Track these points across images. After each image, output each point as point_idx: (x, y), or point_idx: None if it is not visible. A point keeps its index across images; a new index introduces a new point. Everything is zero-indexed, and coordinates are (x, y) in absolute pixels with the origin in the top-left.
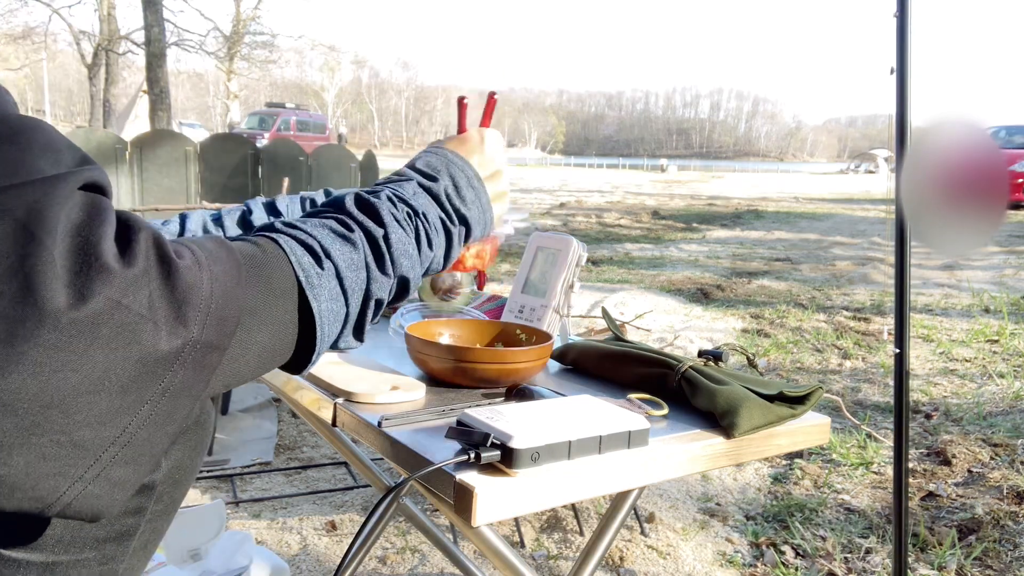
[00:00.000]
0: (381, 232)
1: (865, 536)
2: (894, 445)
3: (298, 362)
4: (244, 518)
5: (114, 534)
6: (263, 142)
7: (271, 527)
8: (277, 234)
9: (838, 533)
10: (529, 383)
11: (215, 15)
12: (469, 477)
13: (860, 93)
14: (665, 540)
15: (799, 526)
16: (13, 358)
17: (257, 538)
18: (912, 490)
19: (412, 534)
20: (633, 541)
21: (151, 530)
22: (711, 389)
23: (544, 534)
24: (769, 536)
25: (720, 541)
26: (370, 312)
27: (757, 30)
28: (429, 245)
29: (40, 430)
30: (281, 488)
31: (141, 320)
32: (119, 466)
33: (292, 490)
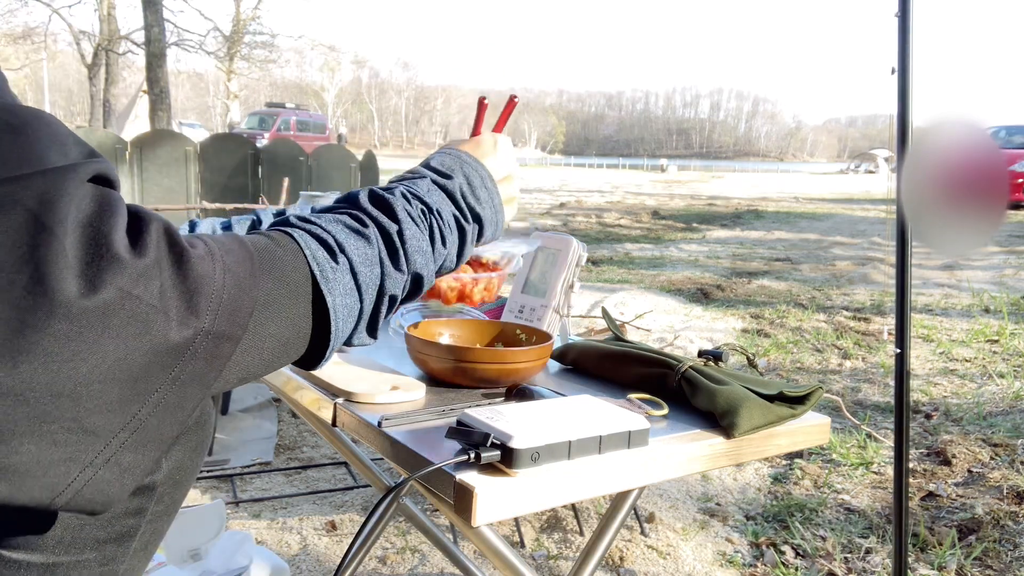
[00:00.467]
0: (395, 228)
1: (865, 536)
2: (894, 445)
3: (312, 357)
4: (244, 518)
5: (115, 535)
6: (263, 142)
7: (271, 527)
8: (291, 228)
9: (838, 533)
10: (529, 383)
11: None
12: (469, 477)
13: (860, 93)
14: (665, 540)
15: (799, 526)
16: (24, 348)
17: (257, 538)
18: (912, 490)
19: (412, 534)
20: (633, 541)
21: (151, 531)
22: (711, 389)
23: (544, 534)
24: (769, 536)
25: (720, 541)
26: (384, 308)
27: (757, 30)
28: (443, 242)
29: (51, 418)
30: (281, 488)
31: (152, 310)
32: (129, 452)
33: (292, 490)
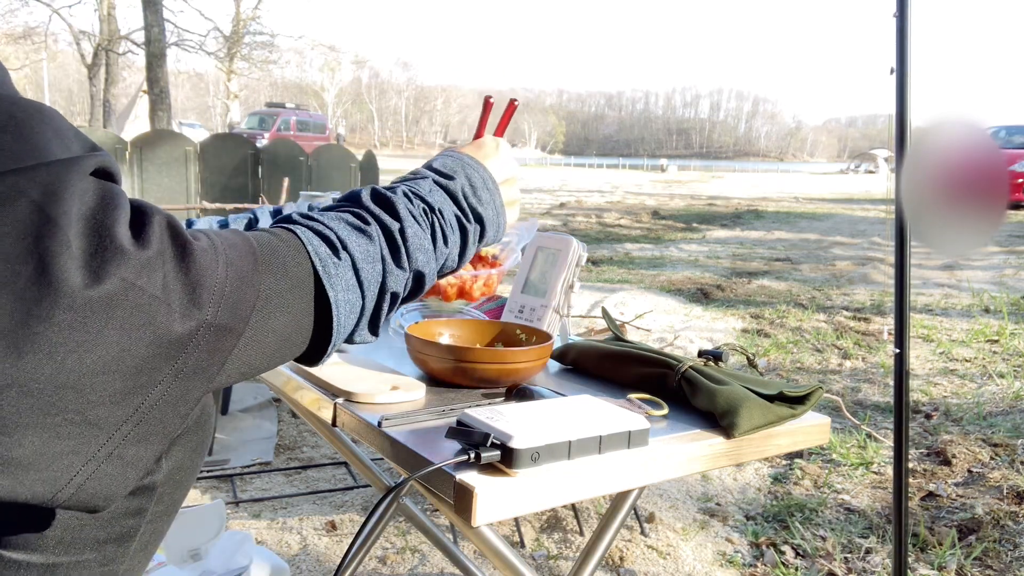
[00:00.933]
0: (397, 226)
1: (865, 536)
2: (894, 445)
3: (313, 353)
4: (244, 518)
5: (115, 535)
6: (263, 142)
7: (271, 527)
8: (294, 225)
9: (838, 533)
10: (529, 383)
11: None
12: (469, 477)
13: (860, 93)
14: (665, 540)
15: (799, 526)
16: (29, 339)
17: (257, 538)
18: (912, 490)
19: (412, 534)
20: (633, 541)
21: (151, 531)
22: (711, 389)
23: (544, 534)
24: (769, 536)
25: (720, 541)
26: (386, 305)
27: (757, 30)
28: (445, 241)
29: (55, 410)
30: (281, 488)
31: (155, 301)
32: (131, 445)
33: (292, 490)
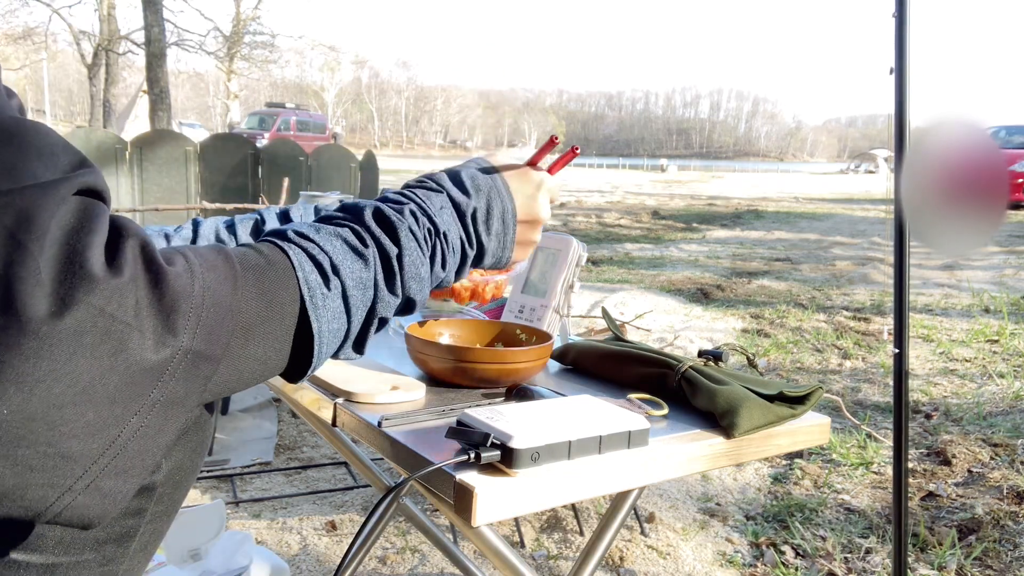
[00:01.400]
0: (395, 252)
1: (865, 536)
2: (894, 445)
3: (292, 373)
4: (244, 518)
5: (114, 535)
6: (263, 142)
7: (271, 527)
8: (287, 244)
9: (838, 533)
10: (529, 383)
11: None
12: (469, 477)
13: (860, 93)
14: (665, 540)
15: (799, 526)
16: None
17: (257, 538)
18: (912, 490)
19: (412, 534)
20: (633, 541)
21: (151, 531)
22: (711, 389)
23: (544, 534)
24: (769, 536)
25: (720, 541)
26: (372, 328)
27: (757, 30)
28: (443, 265)
29: (25, 442)
30: (281, 488)
31: (127, 328)
32: (110, 477)
33: (292, 490)
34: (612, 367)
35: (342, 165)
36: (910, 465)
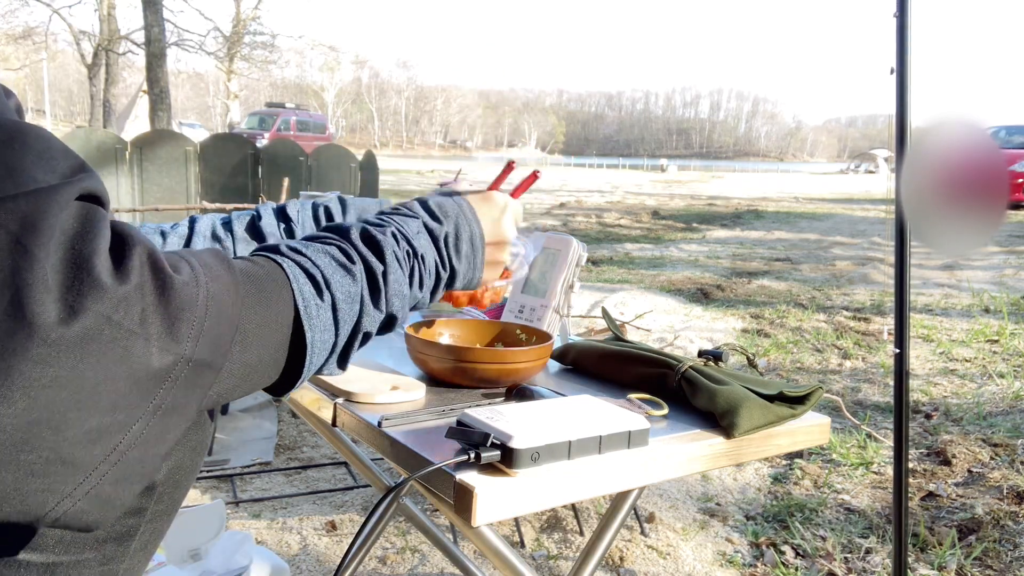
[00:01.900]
0: (381, 268)
1: (865, 536)
2: (894, 445)
3: (281, 386)
4: (244, 518)
5: (115, 535)
6: (263, 142)
7: (271, 527)
8: (282, 257)
9: (838, 533)
10: (529, 383)
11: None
12: (469, 477)
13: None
14: (665, 540)
15: (799, 526)
16: (2, 372)
17: (257, 538)
18: (912, 490)
19: (412, 534)
20: (633, 541)
21: (151, 530)
22: (711, 389)
23: (544, 534)
24: (769, 536)
25: (720, 541)
26: (357, 343)
27: (757, 30)
28: (420, 286)
29: (28, 447)
30: (281, 488)
31: (132, 336)
32: (109, 484)
33: (292, 490)
34: (612, 367)
35: (342, 165)
36: (910, 465)
